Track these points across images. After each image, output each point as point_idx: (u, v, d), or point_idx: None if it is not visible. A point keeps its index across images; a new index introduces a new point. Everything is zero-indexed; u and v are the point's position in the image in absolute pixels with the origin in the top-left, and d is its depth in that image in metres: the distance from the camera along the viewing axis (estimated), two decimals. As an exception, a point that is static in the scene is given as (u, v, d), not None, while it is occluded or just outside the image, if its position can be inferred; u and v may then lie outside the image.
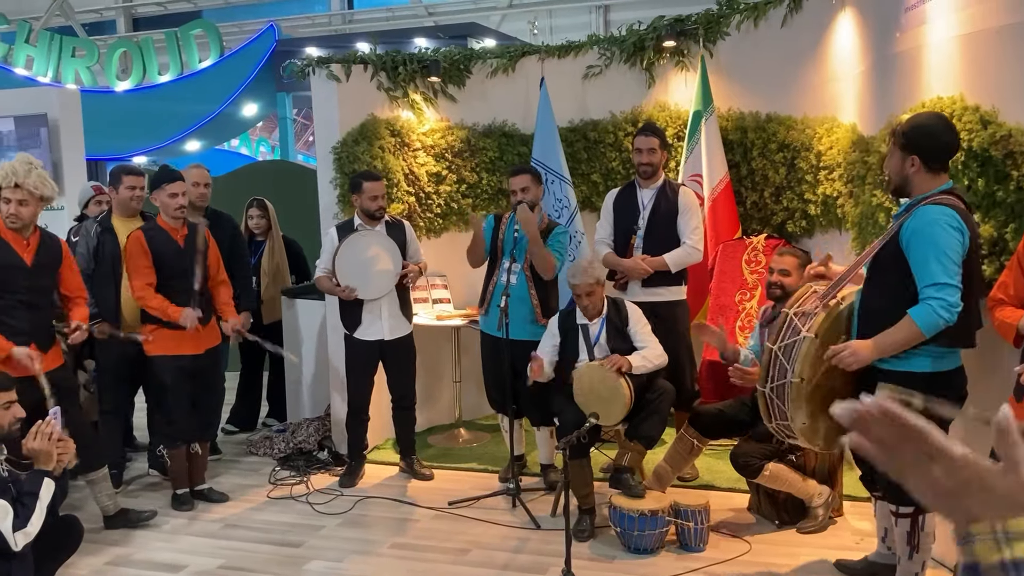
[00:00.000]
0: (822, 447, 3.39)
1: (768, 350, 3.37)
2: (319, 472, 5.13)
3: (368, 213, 4.77)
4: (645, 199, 4.81)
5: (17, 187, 3.86)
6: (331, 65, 5.39)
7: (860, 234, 4.07)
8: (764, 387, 3.39)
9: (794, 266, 4.01)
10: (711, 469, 4.79)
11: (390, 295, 4.80)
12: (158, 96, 12.42)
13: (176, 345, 4.50)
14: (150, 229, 4.53)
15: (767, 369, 3.37)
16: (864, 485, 3.53)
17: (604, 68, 5.83)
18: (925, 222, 2.87)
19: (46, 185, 3.95)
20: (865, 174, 4.08)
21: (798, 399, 3.22)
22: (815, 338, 3.20)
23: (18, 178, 3.85)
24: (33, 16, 15.44)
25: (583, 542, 4.04)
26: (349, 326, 4.82)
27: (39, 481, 3.11)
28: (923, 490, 0.91)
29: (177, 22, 13.88)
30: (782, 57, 5.16)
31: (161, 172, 4.63)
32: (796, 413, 3.23)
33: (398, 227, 4.91)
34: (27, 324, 3.95)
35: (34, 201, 3.92)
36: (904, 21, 3.73)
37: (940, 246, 2.84)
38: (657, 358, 4.22)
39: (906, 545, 3.25)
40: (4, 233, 3.94)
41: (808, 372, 3.20)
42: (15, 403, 3.17)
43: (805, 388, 3.21)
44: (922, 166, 2.94)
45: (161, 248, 4.47)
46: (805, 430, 3.26)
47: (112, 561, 4.05)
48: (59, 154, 6.71)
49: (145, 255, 4.44)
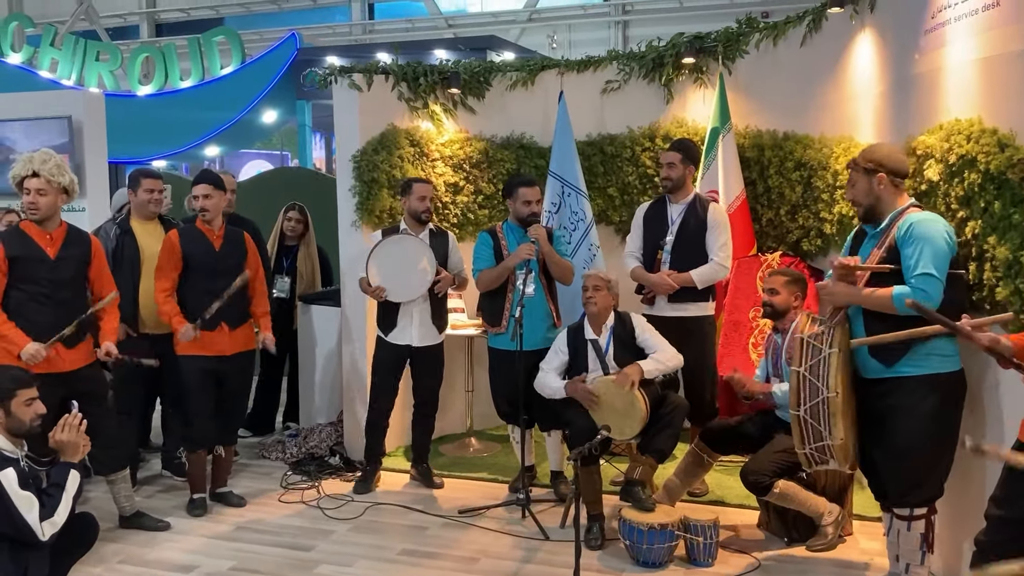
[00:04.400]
0: (848, 467, 3.49)
1: (795, 374, 3.39)
2: (330, 477, 5.16)
3: (415, 215, 4.83)
4: (674, 214, 4.83)
5: (35, 176, 3.91)
6: (353, 75, 5.45)
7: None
8: (798, 410, 3.40)
9: (781, 284, 4.16)
10: (721, 485, 4.80)
11: (423, 303, 4.83)
12: (179, 101, 12.54)
13: (205, 346, 4.51)
14: (186, 230, 4.58)
15: (797, 393, 3.39)
16: (875, 497, 3.54)
17: (623, 83, 5.87)
18: (922, 219, 3.17)
19: (64, 174, 4.00)
20: (881, 194, 4.09)
21: (836, 413, 3.29)
22: (839, 352, 3.29)
23: (35, 166, 3.90)
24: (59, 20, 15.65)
25: (593, 550, 4.06)
26: (383, 328, 4.87)
27: (65, 473, 3.16)
28: None
29: (200, 29, 14.03)
30: (800, 76, 5.19)
31: (197, 175, 4.70)
32: (835, 429, 3.30)
33: (442, 236, 4.96)
34: (50, 317, 3.98)
35: (52, 191, 3.96)
36: (923, 43, 3.75)
37: (934, 244, 3.10)
38: (670, 360, 4.25)
39: (919, 549, 3.33)
40: (27, 227, 4.01)
41: (840, 386, 3.28)
42: (36, 399, 3.22)
43: (840, 402, 3.28)
44: (889, 182, 3.27)
45: (193, 248, 4.51)
46: (841, 447, 3.33)
47: (124, 559, 4.09)
48: (82, 157, 6.78)
49: (172, 256, 4.48)
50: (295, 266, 6.01)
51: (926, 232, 3.13)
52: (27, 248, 3.96)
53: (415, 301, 4.80)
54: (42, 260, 3.99)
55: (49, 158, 3.96)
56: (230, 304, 4.51)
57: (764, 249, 5.38)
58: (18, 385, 3.17)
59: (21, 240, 3.97)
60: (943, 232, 3.14)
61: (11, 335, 3.89)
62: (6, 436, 3.12)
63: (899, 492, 3.32)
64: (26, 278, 3.96)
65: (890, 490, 3.35)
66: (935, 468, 3.27)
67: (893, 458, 3.29)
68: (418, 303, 4.81)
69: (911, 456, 3.24)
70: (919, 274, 3.08)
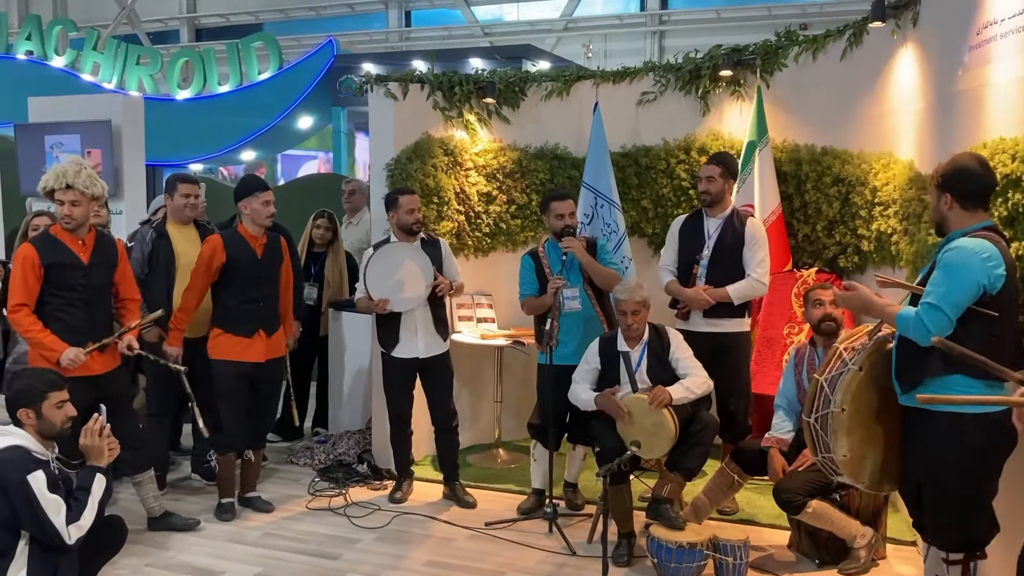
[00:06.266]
0: (867, 485, 3.36)
1: (815, 381, 3.40)
2: (357, 485, 5.16)
3: (406, 228, 4.78)
4: (711, 228, 4.77)
5: (69, 188, 3.96)
6: (389, 83, 5.46)
7: (914, 272, 4.01)
8: (809, 417, 3.40)
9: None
10: (753, 504, 4.73)
11: (424, 313, 4.80)
12: (217, 106, 12.70)
13: (241, 352, 4.55)
14: (229, 235, 4.60)
15: (812, 400, 3.39)
16: (915, 528, 3.43)
17: (659, 95, 5.83)
18: (963, 248, 2.92)
19: (96, 184, 4.05)
20: (921, 212, 4.01)
21: (839, 429, 3.23)
22: (859, 371, 3.21)
23: (68, 179, 3.95)
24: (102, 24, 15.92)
25: (620, 567, 4.01)
26: (387, 344, 4.84)
27: (91, 477, 3.19)
28: None
29: (239, 34, 14.20)
30: (840, 90, 5.11)
31: (253, 180, 4.75)
32: (837, 444, 3.26)
33: (433, 244, 4.92)
34: (84, 322, 4.05)
35: (86, 201, 4.02)
36: (968, 59, 3.68)
37: (958, 276, 2.88)
38: (699, 387, 4.18)
39: None
40: (60, 234, 4.06)
41: (850, 403, 3.21)
42: (67, 402, 3.25)
43: (845, 419, 3.22)
44: (955, 203, 3.02)
45: (237, 254, 4.53)
46: (847, 463, 3.27)
47: (152, 562, 4.11)
48: (120, 160, 6.87)
49: (208, 267, 4.50)
50: (323, 273, 6.03)
51: (954, 261, 2.91)
52: (62, 255, 4.02)
53: (415, 311, 4.77)
54: (76, 266, 4.04)
55: (81, 169, 4.01)
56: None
57: (799, 265, 5.30)
58: (49, 388, 3.20)
59: (55, 247, 4.03)
60: (977, 266, 2.87)
61: (48, 342, 3.95)
62: (37, 438, 3.14)
63: (934, 530, 3.13)
64: (62, 284, 4.01)
65: (927, 523, 3.18)
66: (966, 515, 3.02)
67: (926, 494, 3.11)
68: (419, 313, 4.78)
69: (939, 498, 3.04)
70: (925, 303, 2.90)
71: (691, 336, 4.49)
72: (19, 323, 3.97)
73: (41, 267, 3.96)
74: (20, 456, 3.05)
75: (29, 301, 3.96)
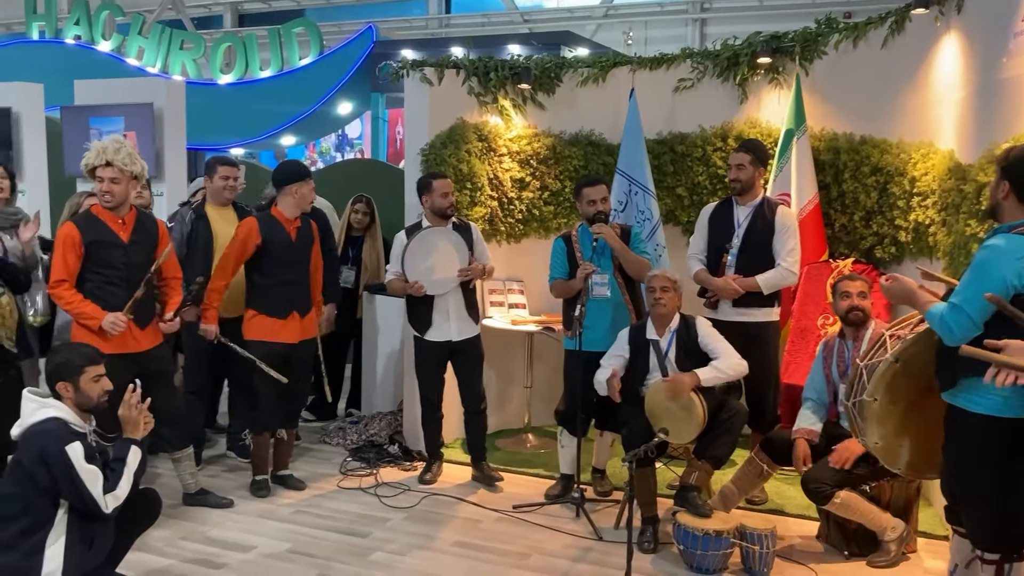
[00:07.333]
0: (904, 472, 3.38)
1: (856, 366, 3.47)
2: (388, 465, 5.22)
3: (439, 212, 4.81)
4: (741, 217, 4.74)
5: (108, 165, 4.02)
6: (424, 69, 5.49)
7: (951, 263, 3.95)
8: (848, 400, 3.45)
9: (866, 290, 4.05)
10: (781, 494, 4.70)
11: (456, 296, 4.84)
12: (258, 91, 12.83)
13: (274, 332, 4.62)
14: (264, 218, 4.66)
15: (852, 384, 3.43)
16: (948, 520, 3.38)
17: (696, 81, 5.78)
18: (988, 248, 2.82)
19: (136, 162, 4.10)
20: (960, 203, 3.95)
21: (871, 418, 3.25)
22: (895, 362, 3.18)
23: (108, 156, 4.01)
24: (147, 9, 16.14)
25: (646, 553, 4.02)
26: (419, 328, 4.87)
27: (127, 448, 3.26)
28: None
29: (281, 19, 14.32)
30: (880, 79, 5.03)
31: (299, 167, 4.84)
32: (868, 432, 3.29)
33: (464, 228, 4.95)
34: (125, 300, 4.11)
35: (125, 179, 4.08)
36: (1013, 47, 3.61)
37: (984, 275, 2.77)
38: (732, 368, 4.16)
39: None
40: (100, 213, 4.13)
41: (882, 394, 3.20)
42: (104, 376, 3.32)
43: (877, 409, 3.22)
44: (1012, 194, 2.89)
45: (272, 237, 4.59)
46: (879, 449, 3.29)
47: (185, 536, 4.20)
48: (162, 143, 6.98)
49: (243, 248, 4.57)
50: (360, 257, 6.10)
51: (983, 260, 2.81)
52: (102, 233, 4.09)
53: (448, 295, 4.80)
54: (117, 244, 4.11)
55: (121, 147, 4.07)
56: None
57: (836, 255, 5.24)
58: (87, 362, 3.27)
59: (95, 225, 4.10)
60: (1006, 267, 2.75)
61: (89, 311, 4.02)
62: (75, 411, 3.22)
63: (970, 529, 3.04)
64: (102, 262, 4.09)
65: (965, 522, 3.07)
66: (1003, 517, 2.92)
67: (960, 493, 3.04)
68: (452, 297, 4.82)
69: (970, 497, 2.97)
70: (950, 302, 2.82)
71: (720, 325, 4.46)
72: (60, 296, 4.05)
73: (82, 245, 4.04)
74: (59, 427, 3.13)
75: (69, 278, 4.05)
